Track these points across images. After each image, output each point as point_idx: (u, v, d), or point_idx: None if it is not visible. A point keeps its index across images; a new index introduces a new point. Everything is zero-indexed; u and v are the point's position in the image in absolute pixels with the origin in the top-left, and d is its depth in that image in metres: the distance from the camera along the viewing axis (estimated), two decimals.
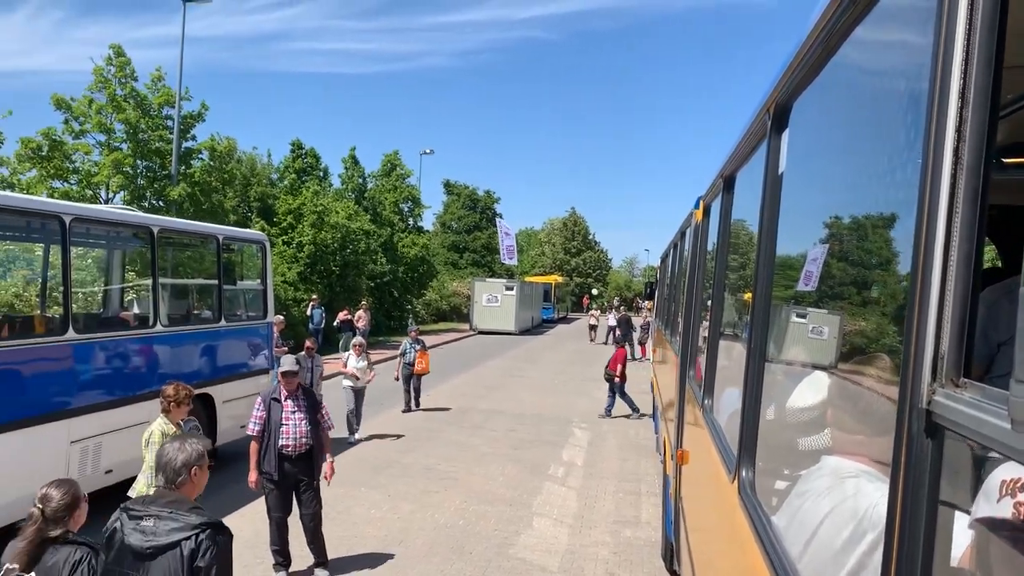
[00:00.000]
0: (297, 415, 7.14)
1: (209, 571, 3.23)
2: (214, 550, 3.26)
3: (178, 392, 6.30)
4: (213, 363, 10.59)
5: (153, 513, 3.33)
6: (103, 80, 21.88)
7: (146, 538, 3.26)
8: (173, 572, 3.20)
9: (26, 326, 10.66)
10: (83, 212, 8.95)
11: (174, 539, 3.24)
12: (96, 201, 20.66)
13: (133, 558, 3.26)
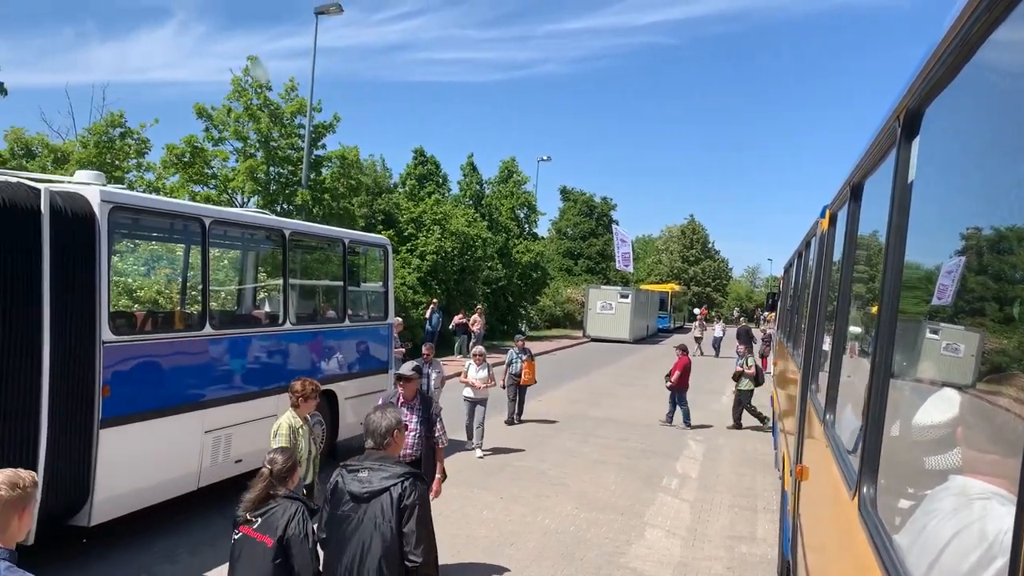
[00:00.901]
0: (410, 422, 7.00)
1: (413, 509, 4.03)
2: (415, 493, 4.07)
3: (305, 387, 6.57)
4: (337, 361, 11.00)
5: (367, 467, 4.18)
6: (240, 90, 23.14)
7: (363, 485, 4.10)
8: (385, 510, 4.02)
9: (167, 321, 11.41)
10: (221, 215, 9.52)
11: (385, 485, 4.07)
12: (232, 205, 21.86)
13: (353, 501, 4.10)
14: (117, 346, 7.17)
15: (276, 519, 4.31)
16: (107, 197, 7.18)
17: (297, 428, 6.50)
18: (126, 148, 21.46)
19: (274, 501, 4.41)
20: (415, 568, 3.99)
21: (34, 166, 19.10)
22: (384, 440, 4.30)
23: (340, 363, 11.09)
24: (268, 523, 4.32)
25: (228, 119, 23.15)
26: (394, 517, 4.00)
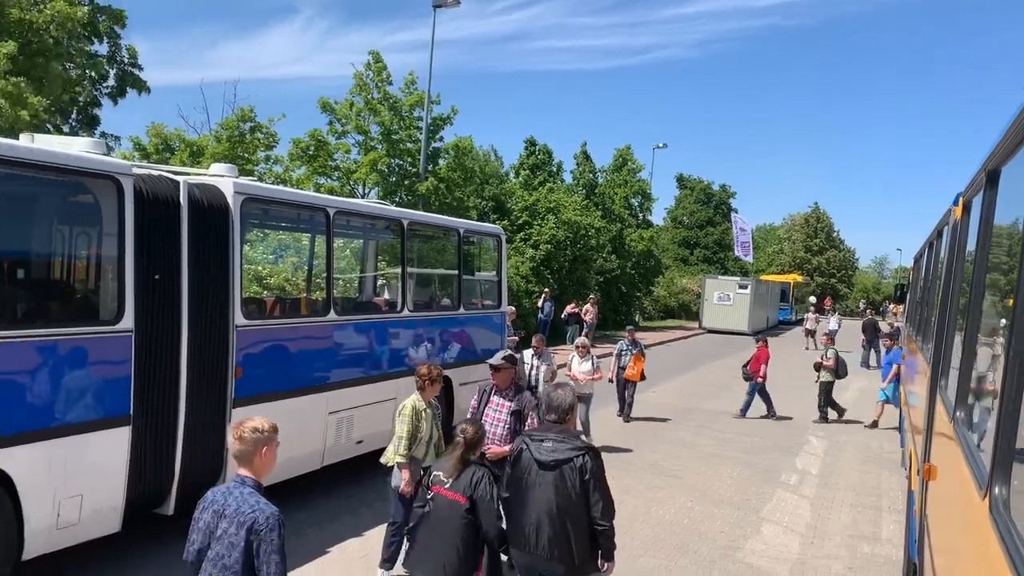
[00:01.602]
0: (499, 413, 6.74)
1: (595, 480, 4.59)
2: (595, 464, 4.63)
3: (431, 372, 6.75)
4: (452, 348, 11.25)
5: (551, 438, 4.74)
6: (362, 84, 23.88)
7: (549, 454, 4.66)
8: (570, 476, 4.58)
9: (294, 307, 11.95)
10: (344, 206, 9.91)
11: (569, 455, 4.62)
12: (354, 196, 22.61)
13: (539, 468, 4.67)
14: (248, 330, 7.57)
15: (467, 481, 4.93)
16: (239, 189, 7.58)
17: (421, 410, 6.65)
18: (255, 142, 22.52)
19: (464, 465, 5.04)
20: (603, 531, 4.64)
21: (174, 160, 20.31)
22: (565, 416, 4.87)
23: (455, 350, 11.33)
24: (459, 484, 4.94)
25: (350, 113, 23.94)
26: (578, 484, 4.56)
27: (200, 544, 3.51)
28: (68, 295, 7.40)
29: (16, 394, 5.52)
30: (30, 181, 6.62)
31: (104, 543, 6.41)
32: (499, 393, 6.83)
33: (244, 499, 3.48)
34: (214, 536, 3.46)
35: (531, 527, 4.62)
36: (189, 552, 3.55)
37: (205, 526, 3.52)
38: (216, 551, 3.42)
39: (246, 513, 3.42)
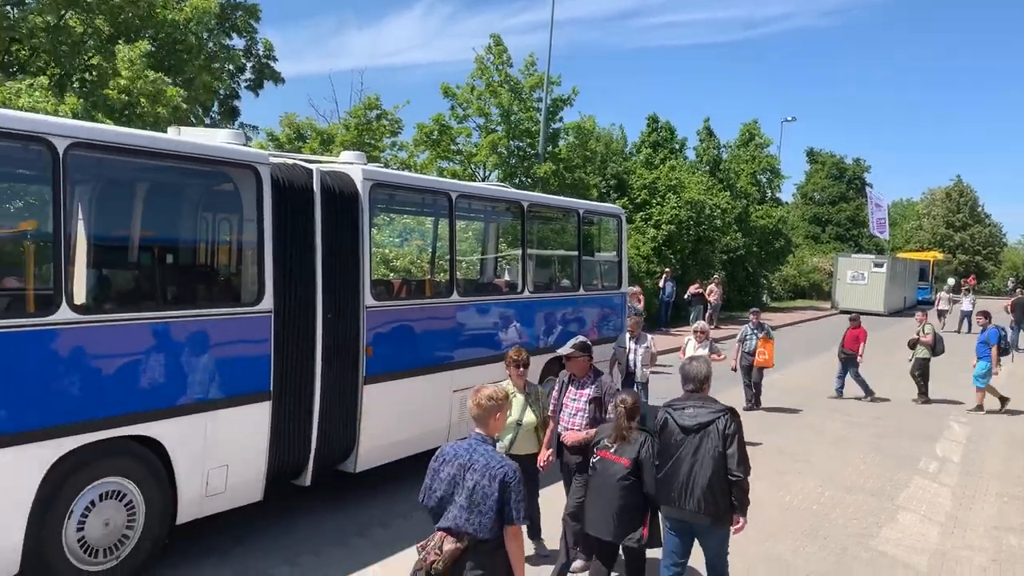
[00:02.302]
0: (576, 403, 6.49)
1: (733, 436, 5.11)
2: (734, 423, 5.16)
3: (518, 356, 6.45)
4: (571, 329, 11.29)
5: (691, 404, 5.31)
6: (482, 68, 24.15)
7: (692, 419, 5.20)
8: (712, 438, 5.10)
9: (419, 289, 12.30)
10: (466, 189, 10.11)
11: (711, 418, 5.16)
12: (475, 179, 22.97)
13: (682, 432, 5.21)
14: (378, 311, 7.87)
15: (630, 445, 5.52)
16: (368, 175, 7.87)
17: (512, 394, 6.39)
18: (381, 128, 23.20)
19: (627, 432, 5.59)
20: (737, 481, 5.11)
21: (305, 148, 21.21)
22: (702, 384, 5.42)
23: (574, 331, 11.36)
24: (623, 449, 5.53)
25: (471, 97, 24.27)
26: (720, 443, 5.09)
27: (443, 492, 4.05)
28: (213, 278, 7.91)
29: (168, 370, 5.96)
30: (178, 172, 7.13)
31: (246, 512, 6.86)
32: (576, 382, 6.61)
33: (490, 455, 4.07)
34: (461, 486, 3.99)
35: (680, 485, 5.16)
36: (430, 499, 4.11)
37: (449, 477, 4.05)
38: (469, 499, 3.96)
39: (495, 468, 3.98)
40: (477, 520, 3.93)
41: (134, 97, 13.95)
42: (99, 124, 8.46)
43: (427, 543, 4.04)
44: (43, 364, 5.22)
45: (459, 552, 3.94)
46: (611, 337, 12.20)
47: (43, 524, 5.26)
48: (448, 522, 3.99)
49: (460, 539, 3.96)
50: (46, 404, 5.22)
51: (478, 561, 3.96)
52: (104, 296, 6.97)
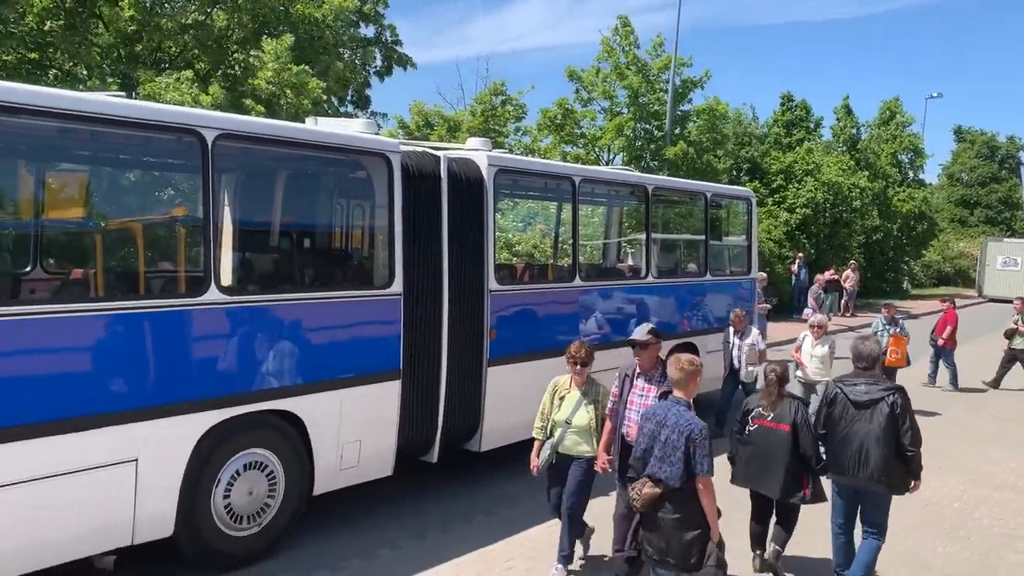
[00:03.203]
0: (644, 399, 5.78)
1: (905, 414, 5.54)
2: (904, 400, 5.57)
3: (577, 352, 6.06)
4: (697, 315, 11.12)
5: (862, 382, 5.69)
6: (609, 50, 23.91)
7: (864, 395, 5.61)
8: (883, 412, 5.51)
9: (542, 273, 12.40)
10: (589, 173, 10.09)
11: (882, 395, 5.57)
12: (599, 163, 22.84)
13: (854, 407, 5.63)
14: (501, 295, 8.01)
15: (785, 411, 5.95)
16: (493, 161, 8.00)
17: (563, 389, 6.13)
18: (506, 114, 23.40)
19: (779, 399, 6.04)
20: (912, 456, 5.57)
21: (433, 135, 21.68)
22: (875, 363, 5.81)
23: (700, 317, 11.18)
24: (780, 415, 5.97)
25: (596, 80, 24.10)
26: (891, 420, 5.50)
27: (645, 445, 4.77)
28: (347, 262, 8.28)
29: (306, 349, 6.29)
30: (316, 160, 7.49)
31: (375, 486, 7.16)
32: (644, 376, 5.88)
33: (681, 414, 4.70)
34: (658, 439, 4.67)
35: (853, 456, 5.59)
36: (637, 450, 4.85)
37: (650, 432, 4.75)
38: (662, 450, 4.63)
39: (683, 425, 4.62)
40: (668, 469, 4.60)
41: (279, 88, 14.68)
42: (243, 116, 8.97)
43: (636, 484, 4.80)
44: (194, 341, 5.62)
45: (656, 496, 4.66)
46: None
47: (195, 490, 5.68)
48: (649, 470, 4.71)
49: (657, 485, 4.66)
50: (196, 378, 5.63)
51: (674, 506, 4.66)
52: (248, 278, 7.43)
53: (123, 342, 5.25)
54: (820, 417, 5.87)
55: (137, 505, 5.32)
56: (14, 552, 4.81)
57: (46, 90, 5.53)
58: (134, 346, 5.30)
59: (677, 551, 4.65)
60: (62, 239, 8.86)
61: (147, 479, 5.33)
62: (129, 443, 5.23)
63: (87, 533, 5.14)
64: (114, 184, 10.34)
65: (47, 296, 6.65)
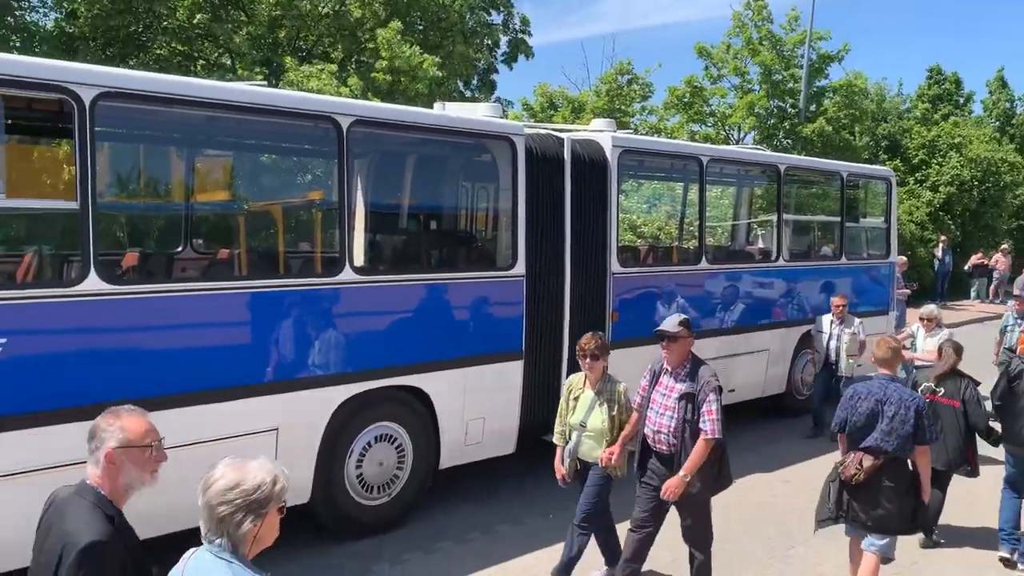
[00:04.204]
0: (666, 400, 5.13)
1: None
2: None
3: (587, 344, 5.44)
4: (829, 299, 10.69)
5: None
6: (740, 25, 23.15)
7: None
8: None
9: (666, 256, 12.23)
10: (717, 153, 9.90)
11: None
12: (728, 142, 22.24)
13: None
14: (623, 277, 7.97)
15: (955, 387, 6.32)
16: (617, 142, 7.94)
17: (576, 388, 5.57)
18: (632, 94, 23.08)
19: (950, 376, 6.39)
20: None
21: (557, 117, 21.66)
22: None
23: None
24: (950, 391, 6.33)
25: (727, 56, 23.42)
26: None
27: (863, 423, 5.05)
28: (472, 244, 8.44)
29: (433, 327, 6.49)
30: (443, 144, 7.68)
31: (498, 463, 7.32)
32: (669, 373, 5.18)
33: (902, 390, 5.10)
34: (881, 415, 4.99)
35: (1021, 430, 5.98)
36: (851, 427, 5.14)
37: (867, 410, 5.05)
38: (889, 424, 4.94)
39: (909, 400, 5.01)
40: (894, 441, 4.93)
41: (395, 76, 15.08)
42: (375, 103, 9.29)
43: (845, 460, 5.12)
44: (329, 319, 5.90)
45: (877, 467, 4.97)
46: (878, 310, 11.40)
47: (330, 460, 5.98)
48: (869, 443, 5.00)
49: (877, 456, 4.97)
50: (332, 354, 5.91)
51: (890, 475, 5.00)
52: (379, 259, 7.72)
53: (265, 319, 5.59)
54: (998, 390, 6.13)
55: None
56: (161, 515, 5.21)
57: (196, 81, 5.92)
58: (275, 323, 5.63)
59: (895, 515, 5.00)
60: (209, 221, 9.46)
61: (287, 448, 5.65)
62: (271, 414, 5.57)
63: None
64: (256, 169, 10.94)
65: (196, 274, 7.13)
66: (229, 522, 2.29)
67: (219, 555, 2.29)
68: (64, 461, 4.35)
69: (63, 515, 2.52)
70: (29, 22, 15.20)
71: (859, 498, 5.07)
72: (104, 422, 2.62)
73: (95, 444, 2.60)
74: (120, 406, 2.73)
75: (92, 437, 2.62)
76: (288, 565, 5.59)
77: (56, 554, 2.42)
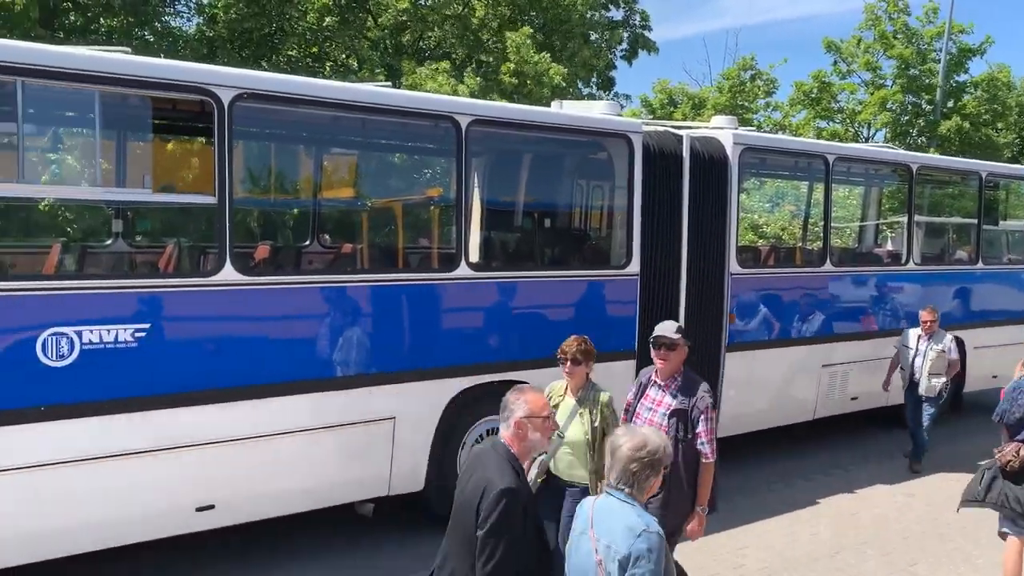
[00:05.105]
0: (652, 416, 4.62)
1: None
2: None
3: (568, 348, 4.76)
4: (966, 306, 10.12)
5: None
6: (873, 18, 22.16)
7: None
8: None
9: (788, 257, 11.85)
10: (845, 151, 9.53)
11: None
12: (857, 140, 21.32)
13: None
14: (742, 278, 7.78)
15: None
16: (738, 140, 7.76)
17: (555, 396, 4.83)
18: (755, 90, 22.50)
19: None
20: None
21: (676, 114, 21.37)
22: None
23: (969, 309, 10.15)
24: None
25: (858, 50, 22.46)
26: None
27: (1015, 408, 5.19)
28: (586, 242, 8.45)
29: (544, 323, 6.52)
30: (559, 143, 7.72)
31: None
32: (659, 385, 4.69)
33: None
34: None
35: None
36: (1009, 418, 5.24)
37: None
38: None
39: None
40: None
41: (521, 79, 15.26)
42: (493, 102, 9.41)
43: (1002, 449, 5.20)
44: (445, 313, 6.04)
45: None
46: (1018, 318, 10.70)
47: (443, 451, 6.12)
48: None
49: None
50: (446, 348, 6.05)
51: None
52: (494, 255, 7.83)
53: (384, 311, 5.78)
54: None
55: (394, 460, 5.83)
56: (293, 492, 5.48)
57: (323, 82, 6.17)
58: (394, 315, 5.81)
59: None
60: (334, 216, 9.85)
61: (402, 437, 5.83)
62: (388, 403, 5.75)
63: (351, 481, 5.72)
64: (378, 167, 11.31)
65: (321, 268, 7.44)
66: (640, 476, 2.90)
67: (625, 500, 2.90)
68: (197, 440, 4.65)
69: (483, 463, 3.25)
70: (174, 27, 16.24)
71: (1012, 486, 5.17)
72: (512, 397, 3.36)
73: (506, 414, 3.34)
74: (523, 384, 3.53)
75: (504, 408, 3.36)
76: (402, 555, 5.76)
77: (479, 491, 3.12)
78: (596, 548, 2.85)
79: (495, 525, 3.03)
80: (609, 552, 2.81)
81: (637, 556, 2.74)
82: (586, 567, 2.89)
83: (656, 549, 2.77)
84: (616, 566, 2.78)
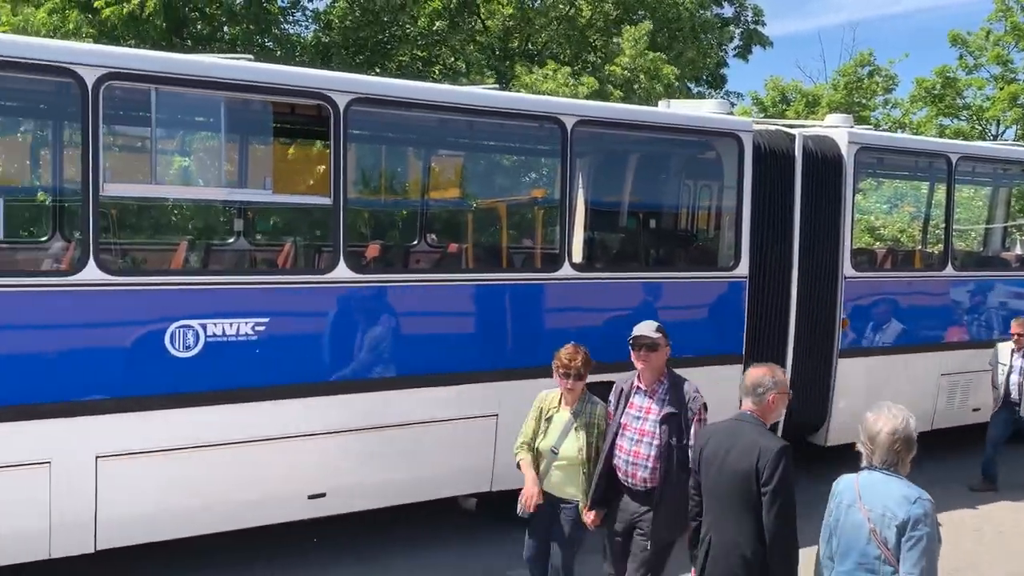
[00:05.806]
0: (642, 425, 4.31)
1: None
2: None
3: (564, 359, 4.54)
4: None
5: None
6: (1004, 9, 20.92)
7: None
8: None
9: (907, 260, 11.34)
10: (970, 150, 9.06)
11: None
12: (984, 138, 20.18)
13: None
14: (857, 281, 7.51)
15: None
16: (854, 139, 7.50)
17: (549, 408, 4.62)
18: (873, 86, 21.60)
19: None
20: None
21: (789, 112, 20.75)
22: None
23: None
24: None
25: (987, 43, 21.25)
26: None
27: None
28: (692, 243, 8.33)
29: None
30: (666, 143, 7.65)
31: None
32: (643, 392, 4.39)
33: None
34: None
35: None
36: None
37: None
38: None
39: None
40: None
41: (635, 74, 15.17)
42: (599, 102, 9.40)
43: None
44: (548, 313, 6.08)
45: None
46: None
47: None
48: None
49: None
50: (548, 346, 5.98)
51: None
52: (598, 256, 7.82)
53: (487, 310, 5.88)
54: None
55: (496, 456, 5.91)
56: (400, 483, 5.64)
57: (432, 86, 6.35)
58: (498, 314, 5.90)
59: None
60: (441, 217, 10.05)
61: (505, 434, 5.87)
62: (491, 399, 5.84)
63: (455, 475, 5.84)
64: (484, 167, 11.46)
65: (428, 266, 7.60)
66: (903, 452, 3.19)
67: (889, 475, 3.18)
68: None
69: (741, 434, 3.65)
70: (292, 34, 16.91)
71: None
72: (766, 376, 3.73)
73: (761, 390, 3.71)
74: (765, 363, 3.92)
75: (757, 386, 3.72)
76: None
77: (751, 456, 3.53)
78: (868, 518, 3.13)
79: (782, 478, 3.48)
80: (884, 520, 3.09)
81: (916, 520, 3.03)
82: (858, 536, 3.17)
83: (931, 514, 3.07)
84: (893, 532, 3.06)
